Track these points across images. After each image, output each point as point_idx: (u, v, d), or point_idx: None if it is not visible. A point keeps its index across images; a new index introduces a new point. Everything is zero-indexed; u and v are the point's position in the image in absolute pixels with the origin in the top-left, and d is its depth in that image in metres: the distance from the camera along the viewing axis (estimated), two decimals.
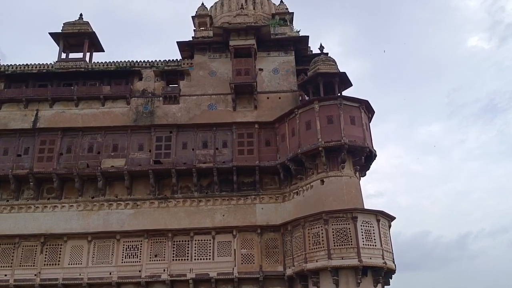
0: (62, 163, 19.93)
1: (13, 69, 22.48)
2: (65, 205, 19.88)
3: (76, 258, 18.27)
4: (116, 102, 21.90)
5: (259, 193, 20.08)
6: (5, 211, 19.93)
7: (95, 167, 19.77)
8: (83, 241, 18.47)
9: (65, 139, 20.33)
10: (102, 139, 20.36)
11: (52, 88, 21.94)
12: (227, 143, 20.36)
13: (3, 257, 18.44)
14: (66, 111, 21.67)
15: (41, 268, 18.10)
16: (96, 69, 22.50)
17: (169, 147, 20.24)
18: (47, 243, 18.52)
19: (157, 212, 19.84)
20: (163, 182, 20.43)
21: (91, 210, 19.80)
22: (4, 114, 21.66)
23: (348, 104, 19.37)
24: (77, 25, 23.66)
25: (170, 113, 21.75)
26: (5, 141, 20.34)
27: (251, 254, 18.48)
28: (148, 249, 18.38)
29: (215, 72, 22.52)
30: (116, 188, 20.21)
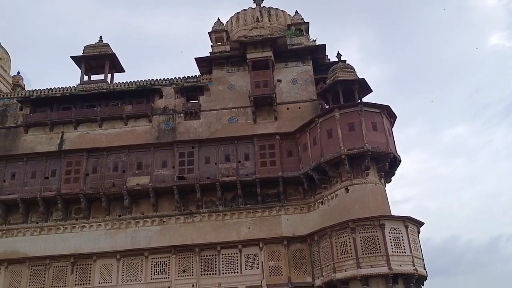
0: (89, 183, 20.32)
1: (38, 94, 23.16)
2: (93, 224, 20.25)
3: (106, 277, 18.52)
4: (138, 120, 22.34)
5: (283, 204, 20.08)
6: (35, 233, 20.40)
7: (120, 185, 20.11)
8: (112, 260, 18.72)
9: (91, 159, 20.76)
10: (126, 157, 20.71)
11: (76, 110, 22.51)
12: (249, 155, 20.46)
13: (35, 279, 18.81)
14: (91, 132, 22.20)
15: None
16: (117, 90, 22.99)
17: (192, 162, 20.46)
18: (77, 263, 18.83)
19: (183, 228, 20.02)
20: (187, 198, 20.63)
21: (118, 229, 20.11)
22: (31, 138, 22.31)
23: (369, 110, 19.29)
24: (98, 48, 24.29)
25: (191, 128, 22.04)
26: (33, 165, 20.87)
27: (279, 266, 18.42)
28: (176, 265, 18.51)
29: (234, 85, 22.77)
30: (142, 206, 20.50)
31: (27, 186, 20.45)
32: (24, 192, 20.27)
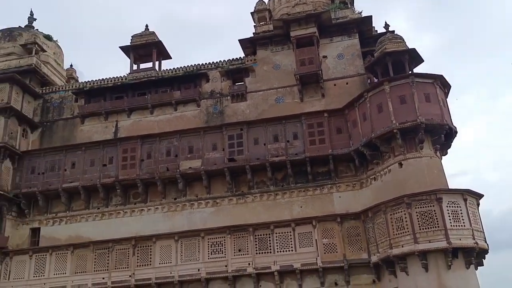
0: (144, 169, 21.02)
1: (91, 85, 24.07)
2: (150, 208, 21.03)
3: (165, 258, 19.19)
4: (187, 105, 22.79)
5: (335, 182, 19.93)
6: (97, 218, 21.46)
7: (174, 169, 20.67)
8: (170, 241, 19.36)
9: (145, 145, 21.42)
10: (178, 142, 21.21)
11: (128, 98, 23.25)
12: (298, 134, 20.38)
13: (99, 261, 19.75)
14: (143, 119, 22.90)
15: (135, 269, 19.20)
16: (166, 76, 23.47)
17: (241, 144, 20.65)
18: (138, 245, 19.62)
19: (236, 209, 20.38)
20: (239, 179, 20.92)
21: (174, 211, 20.78)
22: (88, 128, 23.33)
23: (420, 81, 18.61)
24: (144, 36, 24.84)
25: (239, 111, 22.23)
26: (91, 153, 21.81)
27: (333, 244, 18.37)
28: (232, 245, 18.89)
29: (279, 65, 22.64)
30: (196, 188, 21.01)
31: (87, 174, 21.42)
32: (84, 180, 21.27)
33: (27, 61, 25.57)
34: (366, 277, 18.10)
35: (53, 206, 21.86)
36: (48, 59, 26.98)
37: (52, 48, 28.19)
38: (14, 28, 28.27)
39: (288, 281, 18.55)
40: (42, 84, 25.50)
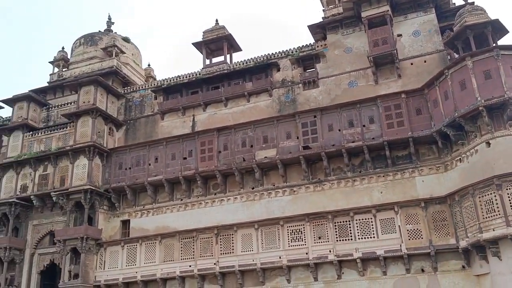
0: (222, 160, 21.54)
1: (168, 82, 25.04)
2: (230, 198, 21.54)
3: (247, 245, 19.63)
4: (259, 96, 22.95)
5: (416, 166, 19.13)
6: (181, 209, 22.37)
7: (250, 160, 20.98)
8: (250, 229, 19.75)
9: (221, 137, 21.92)
10: (252, 133, 21.47)
11: (203, 93, 23.91)
12: (374, 118, 19.77)
13: (185, 250, 20.65)
14: (218, 112, 23.44)
15: (219, 257, 19.85)
16: (237, 69, 23.80)
17: (315, 131, 20.44)
18: (220, 234, 20.23)
19: (313, 196, 20.27)
20: (315, 166, 20.77)
21: (253, 200, 21.10)
22: (167, 123, 24.33)
23: (506, 54, 17.18)
24: (215, 31, 25.33)
25: (311, 97, 22.01)
26: (172, 147, 22.73)
27: (418, 229, 17.70)
28: (311, 232, 18.87)
29: (350, 48, 22.06)
30: (272, 177, 21.17)
31: (169, 167, 22.36)
32: (167, 173, 22.22)
33: (109, 64, 27.21)
34: (455, 263, 17.29)
35: (140, 198, 23.11)
36: (127, 60, 28.48)
37: (130, 49, 29.72)
38: (95, 33, 30.16)
39: (372, 268, 18.22)
40: (123, 84, 27.00)
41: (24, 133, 25.01)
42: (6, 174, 24.30)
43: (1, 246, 22.56)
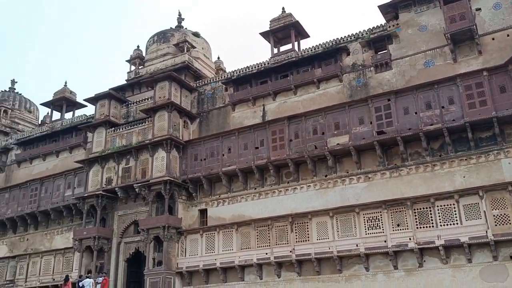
0: (293, 148, 21.45)
1: (238, 74, 25.32)
2: (303, 186, 21.44)
3: (322, 233, 19.45)
4: (329, 82, 22.53)
5: (502, 147, 17.84)
6: (255, 198, 22.63)
7: (322, 147, 20.71)
8: (325, 217, 19.54)
9: (292, 126, 21.82)
10: (323, 120, 21.15)
11: (272, 82, 23.91)
12: (453, 98, 18.67)
13: (261, 238, 20.89)
14: (287, 100, 23.35)
15: (294, 245, 19.86)
16: (306, 56, 23.50)
17: (390, 115, 19.71)
18: (295, 222, 20.22)
19: (390, 182, 19.62)
20: (390, 152, 20.07)
21: (327, 188, 20.85)
22: (238, 114, 24.65)
23: None
24: (282, 19, 25.17)
25: (384, 80, 21.24)
26: (244, 137, 22.99)
27: (505, 214, 16.52)
28: (389, 219, 18.29)
29: (425, 26, 20.95)
30: (346, 164, 20.77)
31: (242, 157, 22.67)
32: (240, 162, 22.54)
33: (181, 59, 28.06)
34: None
35: (216, 188, 23.68)
36: (198, 54, 29.20)
37: (200, 43, 30.43)
38: (166, 30, 31.21)
39: (455, 256, 17.34)
40: (195, 78, 27.72)
41: (106, 129, 26.51)
42: (92, 168, 25.95)
43: (91, 235, 24.15)
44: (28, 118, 37.92)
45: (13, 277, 27.67)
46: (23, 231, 29.60)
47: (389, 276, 18.29)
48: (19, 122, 36.77)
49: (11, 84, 39.38)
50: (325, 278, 19.40)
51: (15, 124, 36.27)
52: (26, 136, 32.22)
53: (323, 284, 19.38)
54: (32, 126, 36.70)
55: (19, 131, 34.85)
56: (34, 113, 38.93)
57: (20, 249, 29.10)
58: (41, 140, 31.29)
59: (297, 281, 19.95)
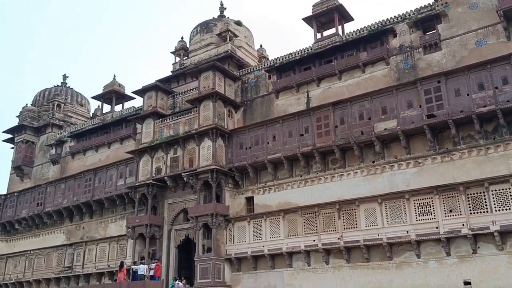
0: (339, 135, 21.18)
1: (281, 61, 25.19)
2: (350, 172, 21.18)
3: (371, 220, 19.17)
4: (375, 65, 22.04)
5: None
6: (300, 185, 22.58)
7: (369, 132, 20.31)
8: (373, 204, 19.22)
9: (337, 112, 21.52)
10: (370, 104, 20.70)
11: (315, 68, 23.64)
12: (508, 78, 17.77)
13: (308, 225, 20.86)
14: (332, 86, 23.04)
15: (342, 231, 19.70)
16: (350, 39, 23.03)
17: (440, 97, 19.03)
18: (342, 209, 20.04)
19: (441, 167, 19.04)
20: (441, 135, 19.45)
21: (374, 174, 20.51)
22: (282, 102, 24.59)
23: None
24: (325, 3, 24.78)
25: (433, 62, 20.52)
26: (288, 125, 22.90)
27: None
28: (441, 205, 17.76)
29: (475, 3, 19.99)
30: (394, 149, 20.31)
31: (287, 144, 22.63)
32: (285, 150, 22.51)
33: (224, 48, 28.24)
34: None
35: (262, 176, 23.83)
36: (241, 43, 29.26)
37: (243, 32, 30.45)
38: (209, 20, 31.43)
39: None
40: (238, 67, 27.84)
41: (154, 120, 27.19)
42: (142, 158, 26.75)
43: (143, 223, 24.99)
44: (80, 111, 39.51)
45: (71, 264, 29.13)
46: (79, 219, 31.06)
47: (442, 263, 17.83)
48: (71, 116, 38.36)
49: (63, 78, 41.09)
50: (374, 265, 19.17)
51: (68, 117, 37.86)
52: (79, 129, 33.65)
53: (372, 271, 19.17)
54: (84, 119, 38.22)
55: (72, 124, 36.43)
56: (85, 106, 40.52)
57: (76, 237, 30.59)
58: (93, 132, 32.60)
59: (345, 268, 19.85)
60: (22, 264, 31.98)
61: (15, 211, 34.01)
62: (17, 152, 36.43)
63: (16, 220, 33.85)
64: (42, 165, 35.57)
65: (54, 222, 32.23)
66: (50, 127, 36.20)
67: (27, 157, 36.09)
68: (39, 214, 32.31)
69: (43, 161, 35.67)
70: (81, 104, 40.22)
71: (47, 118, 36.78)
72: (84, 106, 40.45)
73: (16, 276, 32.04)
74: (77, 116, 38.79)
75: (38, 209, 32.41)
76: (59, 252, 30.25)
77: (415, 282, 18.12)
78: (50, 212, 31.66)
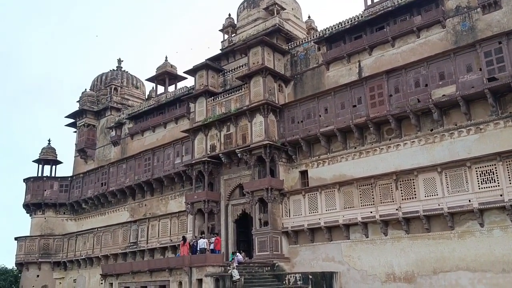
0: (394, 104, 20.54)
1: (330, 31, 24.57)
2: (406, 142, 20.59)
3: (430, 190, 18.59)
4: (430, 29, 21.05)
5: None
6: (355, 157, 22.25)
7: (426, 100, 19.53)
8: (433, 173, 18.59)
9: (391, 80, 20.82)
10: (426, 71, 19.84)
11: (367, 36, 22.88)
12: None
13: (364, 197, 20.57)
14: (385, 54, 22.26)
15: (400, 202, 19.30)
16: (403, 3, 22.02)
17: (501, 59, 17.91)
18: (399, 179, 19.55)
19: (505, 132, 18.10)
20: (504, 99, 18.43)
21: (433, 143, 19.81)
22: (333, 73, 24.09)
23: None
24: None
25: (493, 22, 19.31)
26: (340, 96, 22.46)
27: None
28: (505, 172, 16.85)
29: None
30: (453, 116, 19.47)
31: (339, 116, 22.26)
32: (338, 122, 22.17)
33: (271, 22, 27.90)
34: None
35: (315, 149, 23.68)
36: (288, 15, 28.75)
37: (290, 4, 29.88)
38: None
39: None
40: (287, 41, 27.45)
41: (206, 98, 27.56)
42: (197, 137, 27.32)
43: (201, 199, 25.68)
44: (136, 94, 40.82)
45: (136, 239, 30.65)
46: (141, 197, 32.44)
47: (507, 231, 17.11)
48: (128, 98, 39.73)
49: (118, 63, 42.46)
50: (435, 235, 18.70)
51: (125, 100, 39.26)
52: (136, 111, 34.82)
53: (433, 241, 18.71)
54: (140, 101, 39.46)
55: (129, 107, 37.75)
56: (140, 89, 41.77)
57: (139, 214, 32.03)
58: (149, 113, 33.65)
59: (405, 239, 19.51)
60: (91, 241, 34.06)
61: (82, 192, 36.10)
62: (80, 136, 38.39)
63: (83, 200, 35.93)
64: (104, 147, 37.30)
65: (118, 200, 33.87)
66: (109, 110, 37.74)
67: (90, 140, 37.97)
68: (103, 194, 34.08)
69: (104, 143, 37.38)
70: (136, 86, 41.51)
71: (106, 101, 38.33)
72: (139, 88, 41.72)
73: (86, 252, 34.21)
74: (133, 99, 40.11)
75: (102, 188, 34.18)
76: (124, 229, 31.84)
77: (479, 251, 17.55)
78: (114, 191, 33.29)
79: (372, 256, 20.26)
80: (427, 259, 18.75)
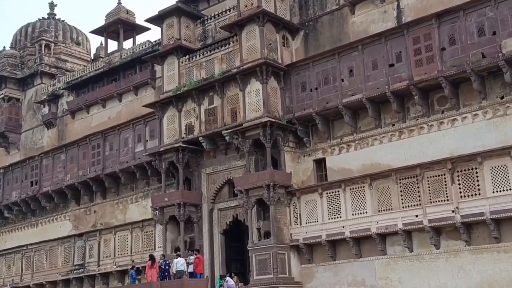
0: (448, 61, 20.52)
1: None
2: (466, 116, 20.56)
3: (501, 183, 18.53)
4: None
5: None
6: (393, 138, 22.32)
7: (494, 54, 19.48)
8: (505, 159, 18.57)
9: (443, 27, 20.77)
10: (493, 13, 19.74)
11: None
12: None
13: (407, 194, 20.64)
14: None
15: (458, 201, 19.39)
16: None
17: None
18: (456, 169, 19.62)
19: None
20: None
21: (504, 116, 19.82)
22: (360, 18, 24.00)
23: None
24: None
25: None
26: (370, 52, 22.42)
27: None
28: None
29: None
30: None
31: (370, 81, 22.29)
32: (368, 89, 22.18)
33: None
34: None
35: (336, 128, 23.78)
36: None
37: None
38: None
39: None
40: None
41: (179, 58, 27.35)
42: (166, 113, 27.21)
43: (174, 202, 25.64)
44: (76, 53, 40.62)
45: (83, 261, 30.73)
46: (88, 201, 32.54)
47: None
48: (66, 59, 39.50)
49: (50, 8, 42.05)
50: (508, 247, 18.83)
51: (61, 62, 39.03)
52: (78, 77, 34.76)
53: (505, 255, 18.80)
54: (83, 63, 39.38)
55: (67, 71, 37.64)
56: (84, 45, 41.57)
57: (87, 225, 32.13)
58: (97, 80, 33.60)
59: (465, 253, 19.68)
60: (18, 264, 34.17)
61: (3, 195, 36.15)
62: None
63: (5, 206, 35.94)
64: (33, 129, 37.29)
65: (56, 206, 34.01)
66: (39, 77, 37.66)
67: (12, 120, 37.86)
68: (34, 197, 34.14)
69: (33, 124, 37.34)
70: (77, 42, 41.25)
71: (34, 64, 38.07)
72: (82, 44, 41.51)
73: (11, 280, 34.28)
74: (74, 60, 39.94)
75: (32, 189, 34.24)
76: (66, 246, 31.99)
77: None
78: (49, 193, 33.39)
79: (419, 278, 20.45)
80: (497, 281, 18.90)
